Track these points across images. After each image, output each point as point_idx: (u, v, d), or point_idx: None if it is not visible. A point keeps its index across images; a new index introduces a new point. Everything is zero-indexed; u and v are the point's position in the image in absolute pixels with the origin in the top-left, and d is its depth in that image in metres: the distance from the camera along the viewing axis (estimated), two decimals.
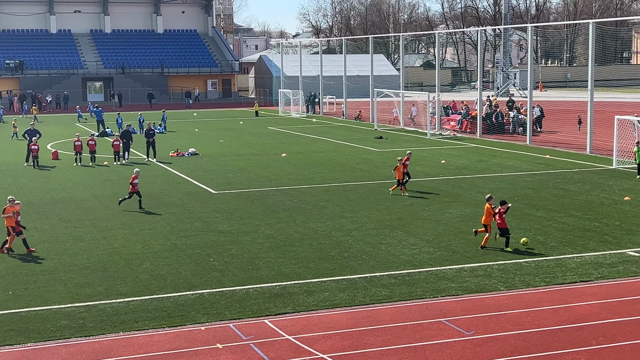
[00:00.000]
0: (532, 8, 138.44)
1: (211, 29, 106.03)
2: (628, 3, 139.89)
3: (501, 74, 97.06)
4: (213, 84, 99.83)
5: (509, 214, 25.02)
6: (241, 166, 37.55)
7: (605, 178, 32.18)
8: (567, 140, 46.12)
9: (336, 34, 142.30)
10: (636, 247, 20.57)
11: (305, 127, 59.85)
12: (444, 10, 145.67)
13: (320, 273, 18.67)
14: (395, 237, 22.28)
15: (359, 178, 33.23)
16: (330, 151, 43.35)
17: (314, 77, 78.36)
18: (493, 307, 16.04)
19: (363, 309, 16.15)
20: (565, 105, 70.88)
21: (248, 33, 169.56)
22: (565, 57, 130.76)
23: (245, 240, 22.09)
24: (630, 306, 15.95)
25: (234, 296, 17.05)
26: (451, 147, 44.63)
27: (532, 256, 19.92)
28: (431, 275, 18.45)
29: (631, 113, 42.71)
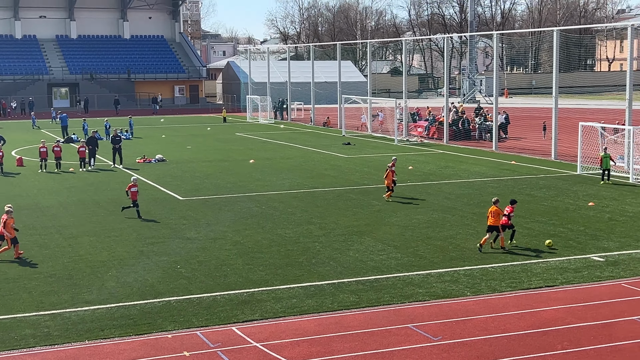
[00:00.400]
0: (498, 15, 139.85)
1: (178, 35, 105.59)
2: (592, 11, 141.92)
3: (467, 81, 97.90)
4: (180, 89, 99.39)
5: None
6: (209, 172, 37.40)
7: (569, 184, 32.56)
8: (533, 147, 46.60)
9: (304, 40, 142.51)
10: (600, 252, 20.84)
11: (273, 133, 59.81)
12: (411, 17, 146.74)
13: (288, 279, 18.65)
14: (363, 243, 22.33)
15: (327, 184, 33.27)
16: (298, 157, 43.36)
17: (281, 84, 78.35)
18: (460, 313, 16.14)
19: (331, 315, 16.16)
20: (531, 112, 71.67)
21: (216, 39, 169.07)
22: (531, 64, 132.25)
23: (213, 247, 22.00)
24: (595, 311, 16.14)
25: (201, 303, 16.96)
26: (418, 153, 44.87)
27: (498, 261, 20.09)
28: (399, 281, 18.52)
29: (595, 120, 43.28)
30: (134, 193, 26.35)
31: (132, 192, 26.36)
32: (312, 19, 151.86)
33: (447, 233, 23.46)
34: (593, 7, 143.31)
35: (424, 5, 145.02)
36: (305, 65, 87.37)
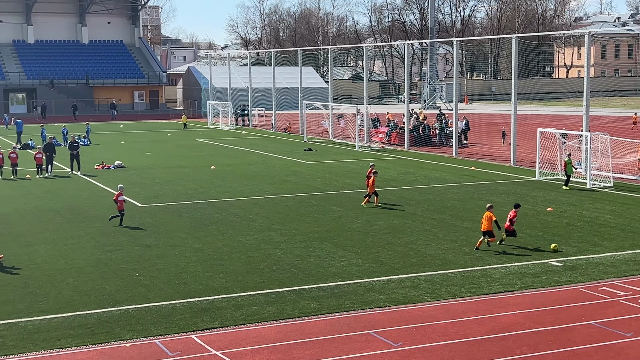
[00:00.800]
0: (458, 22, 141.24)
1: (138, 40, 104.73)
2: (550, 18, 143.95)
3: (428, 87, 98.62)
4: (140, 95, 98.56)
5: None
6: (169, 179, 37.09)
7: (528, 189, 32.90)
8: (492, 152, 47.04)
9: (265, 46, 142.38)
10: (558, 257, 21.05)
11: (235, 139, 59.58)
12: (372, 23, 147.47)
13: (249, 287, 18.54)
14: (324, 249, 22.30)
15: (288, 190, 33.20)
16: (260, 163, 43.22)
17: (243, 89, 78.13)
18: (420, 318, 16.17)
19: (291, 322, 16.08)
20: (490, 118, 72.38)
21: (176, 44, 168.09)
22: (490, 70, 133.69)
23: (172, 254, 21.79)
24: (553, 315, 16.29)
25: (160, 311, 16.77)
26: (379, 159, 45.00)
27: (458, 267, 20.19)
28: (359, 287, 18.50)
29: (553, 126, 43.82)
30: (121, 202, 25.90)
31: (119, 201, 25.90)
32: (273, 24, 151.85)
33: (407, 239, 23.53)
34: (551, 14, 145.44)
35: (385, 12, 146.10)
36: (266, 71, 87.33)
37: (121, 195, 26.03)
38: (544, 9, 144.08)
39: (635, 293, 17.68)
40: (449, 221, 26.13)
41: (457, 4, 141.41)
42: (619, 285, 18.32)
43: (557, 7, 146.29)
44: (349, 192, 32.66)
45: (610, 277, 19.06)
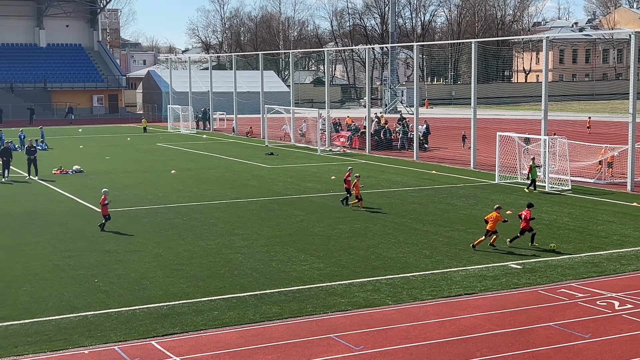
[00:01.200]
0: (418, 27, 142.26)
1: (97, 44, 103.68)
2: (509, 23, 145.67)
3: (389, 91, 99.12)
4: (99, 99, 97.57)
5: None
6: (128, 183, 36.73)
7: (488, 193, 33.20)
8: (452, 156, 47.40)
9: (226, 50, 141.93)
10: (518, 260, 21.26)
11: (195, 143, 59.25)
12: (333, 28, 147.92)
13: (210, 292, 18.41)
14: (286, 253, 22.24)
15: (249, 194, 33.08)
16: (221, 168, 43.03)
17: (204, 93, 77.79)
18: (381, 322, 16.20)
19: (253, 327, 16.00)
20: (450, 122, 72.98)
21: (136, 48, 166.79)
22: (450, 75, 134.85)
23: (132, 260, 21.56)
24: (513, 317, 16.43)
25: (119, 318, 16.57)
26: (341, 163, 45.08)
27: (419, 270, 20.28)
28: (321, 291, 18.48)
29: (512, 130, 44.29)
30: (105, 207, 25.51)
31: (103, 206, 25.49)
32: (234, 28, 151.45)
33: (369, 242, 23.58)
34: (510, 19, 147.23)
35: (346, 17, 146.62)
36: (227, 74, 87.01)
37: (105, 199, 25.65)
38: (503, 14, 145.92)
39: (593, 295, 17.92)
40: (410, 224, 26.26)
41: (417, 9, 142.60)
42: (577, 287, 18.55)
43: (516, 12, 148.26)
44: (311, 196, 32.66)
45: (568, 279, 19.29)
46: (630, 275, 19.67)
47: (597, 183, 35.52)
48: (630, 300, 17.42)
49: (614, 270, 20.15)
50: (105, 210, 25.53)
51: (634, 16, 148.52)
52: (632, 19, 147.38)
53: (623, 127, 39.32)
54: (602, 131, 60.01)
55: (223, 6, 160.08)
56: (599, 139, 47.27)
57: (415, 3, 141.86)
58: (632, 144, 33.50)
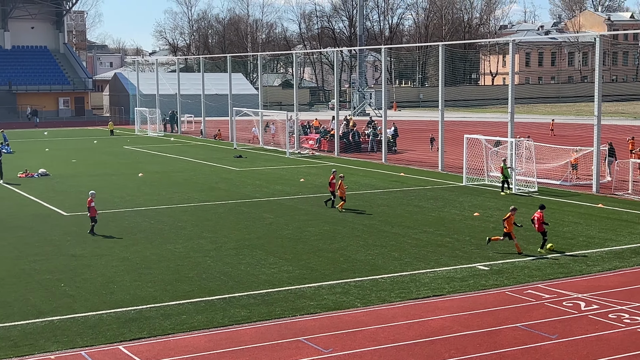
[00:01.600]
0: (386, 30, 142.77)
1: (62, 46, 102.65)
2: (476, 27, 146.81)
3: (357, 94, 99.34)
4: (65, 102, 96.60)
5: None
6: (95, 187, 36.27)
7: (456, 195, 33.40)
8: (420, 159, 47.63)
9: (194, 52, 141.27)
10: (485, 261, 21.41)
11: (163, 146, 58.89)
12: (301, 30, 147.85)
13: (178, 295, 18.29)
14: (255, 256, 22.18)
15: (218, 197, 32.95)
16: (189, 170, 42.81)
17: (171, 96, 77.36)
18: (350, 324, 16.21)
19: (221, 330, 15.94)
20: (418, 125, 73.32)
21: (102, 50, 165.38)
22: (418, 77, 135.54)
23: (99, 264, 21.36)
24: (480, 318, 16.54)
25: (86, 322, 16.40)
26: (310, 165, 45.11)
27: (388, 272, 20.33)
28: (290, 294, 18.46)
29: (479, 132, 44.61)
30: (92, 209, 25.16)
31: (92, 208, 25.14)
32: (202, 30, 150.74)
33: (338, 245, 23.60)
34: (477, 23, 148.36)
35: (314, 19, 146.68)
36: (195, 77, 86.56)
37: (92, 201, 25.33)
38: (470, 17, 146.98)
39: (559, 295, 18.10)
40: (378, 227, 26.33)
41: (385, 12, 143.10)
42: (544, 288, 18.73)
43: (483, 15, 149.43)
44: (280, 198, 32.62)
45: (535, 280, 19.47)
46: (596, 276, 19.91)
47: (562, 185, 35.90)
48: (596, 300, 17.63)
49: (580, 271, 20.38)
50: (93, 212, 25.22)
51: (599, 19, 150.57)
52: (597, 22, 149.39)
53: (588, 129, 39.81)
54: (567, 133, 60.70)
55: (190, 8, 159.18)
56: (563, 141, 47.79)
57: (383, 6, 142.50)
58: (597, 146, 33.92)
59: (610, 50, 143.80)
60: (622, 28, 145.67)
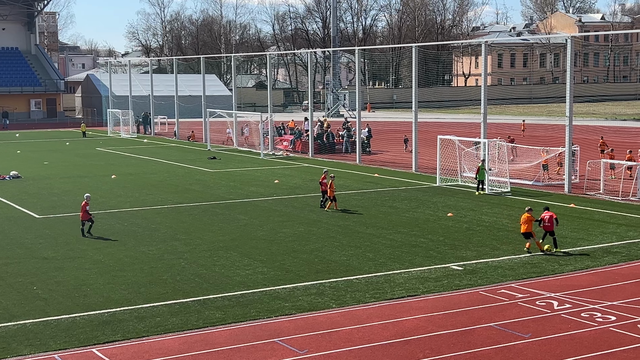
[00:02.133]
0: (360, 31, 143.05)
1: (34, 47, 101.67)
2: (448, 28, 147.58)
3: (331, 95, 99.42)
4: (37, 103, 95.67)
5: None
6: (67, 189, 36.10)
7: (429, 195, 33.55)
8: (394, 160, 47.78)
9: (167, 54, 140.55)
10: (459, 261, 21.54)
11: (136, 147, 58.53)
12: (275, 32, 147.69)
13: (152, 298, 18.20)
14: (229, 258, 22.13)
15: (192, 199, 32.82)
16: (163, 172, 42.59)
17: (144, 97, 76.90)
18: (325, 325, 16.23)
19: (196, 332, 15.88)
20: (392, 126, 73.53)
21: (74, 51, 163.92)
22: (392, 79, 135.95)
23: (72, 267, 21.19)
24: (454, 318, 16.63)
25: (59, 325, 16.27)
26: (284, 167, 45.08)
27: (363, 273, 20.38)
28: (265, 295, 18.44)
29: (452, 133, 44.87)
30: (86, 212, 24.93)
31: (85, 211, 24.90)
32: (175, 32, 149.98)
33: (312, 246, 23.61)
34: (450, 24, 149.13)
35: (288, 20, 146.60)
36: (168, 78, 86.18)
37: (87, 205, 25.08)
38: (442, 19, 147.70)
39: (532, 295, 18.25)
40: (353, 227, 26.37)
41: (358, 14, 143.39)
42: (517, 288, 18.88)
43: (455, 17, 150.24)
44: (254, 200, 32.57)
45: (508, 280, 19.62)
46: (568, 275, 20.10)
47: (535, 185, 36.20)
48: (569, 300, 17.80)
49: (553, 270, 20.57)
50: (85, 216, 24.98)
51: (570, 21, 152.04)
52: (568, 24, 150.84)
53: (560, 129, 40.17)
54: (538, 134, 61.21)
55: (163, 9, 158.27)
56: (535, 141, 48.17)
57: (357, 7, 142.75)
58: (569, 146, 34.25)
59: (582, 51, 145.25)
60: (593, 29, 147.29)
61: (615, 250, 22.77)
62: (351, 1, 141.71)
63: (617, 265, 21.16)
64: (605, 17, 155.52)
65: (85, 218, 25.12)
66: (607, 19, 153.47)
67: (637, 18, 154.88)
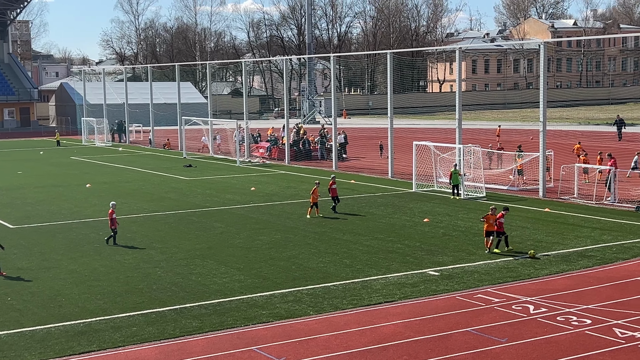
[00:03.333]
0: (335, 38, 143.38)
1: (7, 56, 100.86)
2: (423, 35, 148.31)
3: (307, 102, 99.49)
4: (10, 112, 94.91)
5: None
6: (41, 198, 35.78)
7: (406, 201, 33.65)
8: (371, 166, 47.88)
9: (141, 61, 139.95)
10: (436, 267, 21.60)
11: (111, 156, 58.19)
12: (250, 39, 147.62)
13: (128, 307, 18.07)
14: (206, 266, 22.03)
15: (167, 207, 32.65)
16: (138, 181, 42.36)
17: (119, 105, 76.50)
18: (303, 332, 16.20)
19: (173, 342, 15.78)
20: (368, 132, 73.73)
21: (48, 60, 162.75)
22: (367, 85, 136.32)
23: (47, 277, 20.99)
24: (431, 323, 16.68)
25: (34, 336, 16.10)
26: (260, 174, 45.01)
27: (340, 279, 20.38)
28: (242, 303, 18.38)
29: (427, 139, 45.05)
30: (114, 220, 24.64)
31: (112, 219, 24.61)
32: (149, 39, 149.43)
33: (290, 253, 23.58)
34: (424, 31, 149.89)
35: (263, 28, 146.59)
36: (143, 86, 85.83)
37: (114, 212, 24.83)
38: (417, 25, 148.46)
39: (508, 299, 18.34)
40: (330, 234, 26.38)
41: (333, 21, 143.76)
42: (494, 292, 18.97)
43: (430, 23, 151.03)
44: (231, 207, 32.48)
45: (485, 285, 19.70)
46: (544, 279, 20.23)
47: (510, 190, 36.43)
48: (545, 303, 17.91)
49: (529, 274, 20.69)
50: (113, 223, 24.72)
51: (543, 27, 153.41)
52: (541, 30, 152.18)
53: (534, 135, 40.44)
54: (513, 139, 61.61)
55: (138, 17, 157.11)
56: (510, 146, 48.46)
57: (332, 14, 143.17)
58: (543, 151, 34.51)
59: (555, 57, 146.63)
60: (565, 35, 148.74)
61: (590, 254, 22.96)
62: (326, 8, 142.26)
63: (592, 268, 21.34)
64: (578, 22, 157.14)
65: (113, 226, 24.80)
66: (580, 24, 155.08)
67: (609, 24, 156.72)
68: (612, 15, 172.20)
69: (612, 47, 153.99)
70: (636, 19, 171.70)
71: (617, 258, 22.42)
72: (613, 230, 26.59)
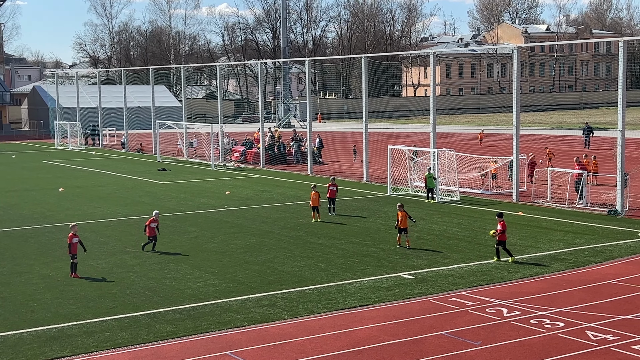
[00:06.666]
0: (310, 42, 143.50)
1: None
2: (397, 39, 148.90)
3: (282, 106, 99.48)
4: None
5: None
6: (13, 203, 35.41)
7: (381, 205, 33.72)
8: (346, 169, 47.93)
9: (115, 65, 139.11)
10: (410, 270, 21.66)
11: (84, 160, 57.74)
12: (225, 42, 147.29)
13: (101, 312, 17.92)
14: (180, 271, 21.92)
15: (142, 212, 32.44)
16: (111, 185, 42.06)
17: (92, 109, 75.99)
18: (277, 336, 16.16)
19: (146, 347, 15.68)
20: (343, 136, 73.82)
21: (20, 63, 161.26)
22: (342, 89, 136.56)
23: (18, 282, 20.77)
24: (406, 327, 16.71)
25: (5, 342, 15.91)
26: (235, 178, 44.88)
27: (315, 283, 20.36)
28: (217, 307, 18.30)
29: (402, 143, 45.17)
30: (152, 229, 24.28)
31: (150, 227, 24.25)
32: (123, 43, 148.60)
33: (264, 257, 23.53)
34: (399, 35, 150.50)
35: (238, 31, 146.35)
36: (117, 90, 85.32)
37: (154, 221, 24.45)
38: (391, 30, 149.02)
39: (482, 303, 18.43)
40: (304, 238, 26.36)
41: (308, 25, 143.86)
42: (467, 296, 19.05)
43: (404, 28, 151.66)
44: (205, 211, 32.35)
45: (459, 288, 19.78)
46: (517, 283, 20.36)
47: (484, 194, 36.64)
48: (518, 307, 18.02)
49: (502, 278, 20.81)
50: (151, 232, 24.38)
51: (516, 32, 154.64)
52: (514, 35, 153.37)
53: (507, 139, 40.71)
54: (495, 143, 61.99)
55: (111, 20, 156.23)
56: (491, 151, 48.75)
57: (307, 18, 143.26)
58: (516, 155, 34.75)
59: (528, 61, 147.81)
60: (538, 40, 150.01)
61: (563, 257, 23.14)
62: (301, 12, 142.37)
63: (565, 272, 21.51)
64: (551, 27, 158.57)
65: (151, 234, 24.49)
66: (552, 29, 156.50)
67: (581, 29, 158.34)
68: (584, 20, 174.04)
69: (585, 52, 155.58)
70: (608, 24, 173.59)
71: (589, 261, 22.62)
72: (585, 233, 26.83)
